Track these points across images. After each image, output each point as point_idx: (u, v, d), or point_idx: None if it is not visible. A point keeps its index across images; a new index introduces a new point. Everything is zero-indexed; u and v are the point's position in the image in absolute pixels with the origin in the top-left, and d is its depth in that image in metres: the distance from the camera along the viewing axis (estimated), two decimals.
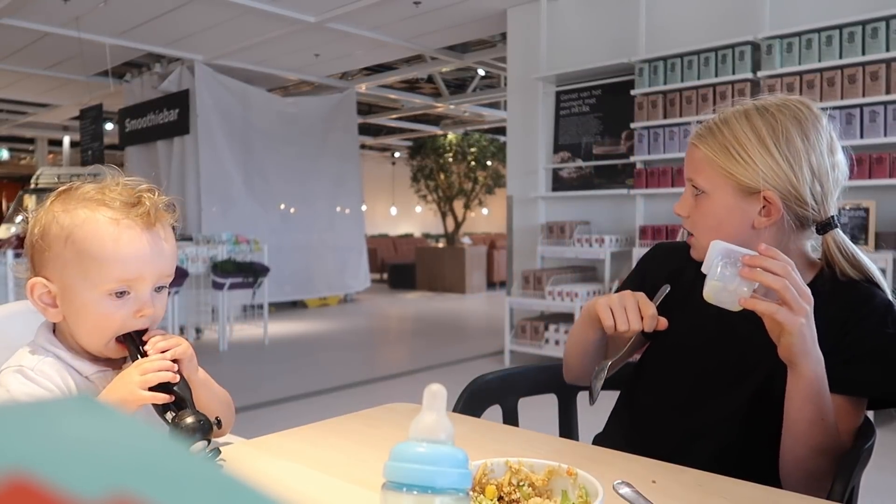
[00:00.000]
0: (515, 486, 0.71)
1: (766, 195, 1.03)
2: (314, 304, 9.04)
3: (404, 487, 0.55)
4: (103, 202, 0.94)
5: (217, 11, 6.06)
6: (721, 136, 1.06)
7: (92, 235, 0.92)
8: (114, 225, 0.93)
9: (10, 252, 4.80)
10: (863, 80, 3.87)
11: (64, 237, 0.93)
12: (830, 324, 1.00)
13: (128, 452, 0.18)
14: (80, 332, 0.96)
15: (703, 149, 1.07)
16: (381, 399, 1.15)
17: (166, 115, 7.93)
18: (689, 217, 1.11)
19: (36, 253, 0.97)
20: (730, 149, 1.05)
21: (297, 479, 0.89)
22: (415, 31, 6.55)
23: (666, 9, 4.82)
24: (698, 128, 1.11)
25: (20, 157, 17.36)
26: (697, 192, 1.09)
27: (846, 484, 0.94)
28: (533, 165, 5.48)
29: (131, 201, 0.95)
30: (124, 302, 0.94)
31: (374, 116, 11.83)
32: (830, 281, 1.07)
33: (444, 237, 15.50)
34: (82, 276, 0.93)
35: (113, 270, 0.92)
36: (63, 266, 0.94)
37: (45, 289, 0.96)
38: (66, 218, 0.94)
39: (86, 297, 0.93)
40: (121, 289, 0.94)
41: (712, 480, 0.87)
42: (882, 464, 3.06)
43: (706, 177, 1.07)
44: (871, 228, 3.72)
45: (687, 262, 1.19)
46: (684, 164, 1.13)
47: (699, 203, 1.09)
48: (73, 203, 0.95)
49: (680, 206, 1.13)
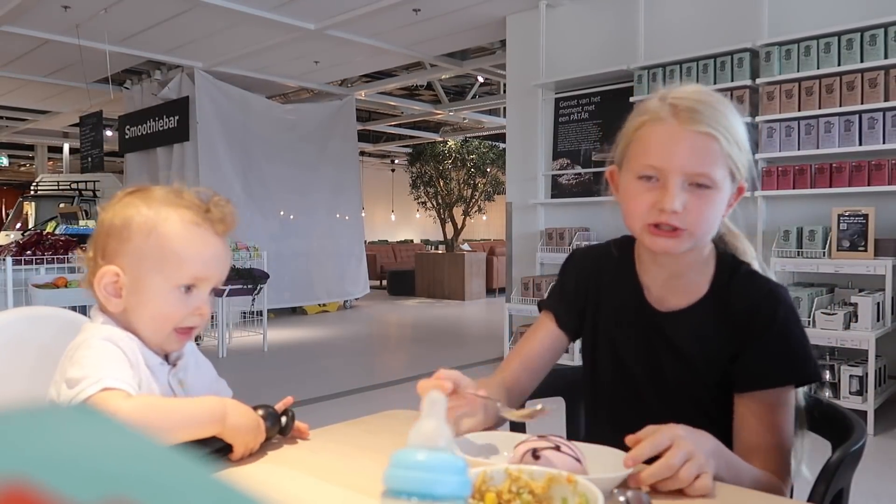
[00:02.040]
0: (515, 493, 0.71)
1: (740, 185, 1.06)
2: (313, 310, 9.03)
3: (404, 495, 0.55)
4: (183, 205, 1.02)
5: (217, 19, 6.08)
6: (724, 126, 1.00)
7: (176, 232, 1.00)
8: (195, 226, 1.01)
9: (9, 259, 4.79)
10: (861, 87, 3.88)
11: (148, 230, 0.99)
12: (735, 318, 1.05)
13: (124, 459, 0.18)
14: (143, 321, 1.02)
15: (723, 142, 0.99)
16: (381, 406, 1.15)
17: (166, 122, 7.94)
18: (684, 211, 0.99)
19: (112, 242, 1.02)
20: (737, 141, 1.01)
21: (296, 487, 0.89)
22: (414, 39, 6.57)
23: (665, 16, 4.83)
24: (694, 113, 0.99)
25: (20, 164, 17.39)
26: (702, 185, 0.99)
27: (827, 485, 0.95)
28: (532, 172, 5.48)
29: (205, 207, 1.03)
30: (188, 298, 1.02)
31: (373, 123, 11.85)
32: (729, 267, 1.10)
33: (443, 244, 15.51)
34: (158, 269, 0.99)
35: (190, 267, 1.00)
36: (141, 257, 1.00)
37: (115, 278, 1.01)
38: (150, 212, 1.00)
39: (156, 288, 1.00)
40: (191, 283, 1.01)
41: (717, 487, 0.87)
42: (880, 470, 3.05)
43: (720, 170, 1.00)
44: (870, 235, 3.72)
45: (603, 267, 1.19)
46: (683, 154, 0.99)
47: (703, 196, 1.00)
48: (154, 201, 1.02)
49: (678, 200, 0.99)
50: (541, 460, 0.83)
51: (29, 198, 11.29)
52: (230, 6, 5.67)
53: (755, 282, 1.08)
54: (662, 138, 1.01)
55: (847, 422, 1.08)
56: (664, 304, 1.12)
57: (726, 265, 1.10)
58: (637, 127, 1.05)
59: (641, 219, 1.03)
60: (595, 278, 1.20)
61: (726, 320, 1.06)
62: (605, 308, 1.18)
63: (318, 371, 5.53)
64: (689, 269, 1.10)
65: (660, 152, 1.00)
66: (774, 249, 4.01)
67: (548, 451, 0.84)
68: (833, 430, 1.11)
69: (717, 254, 1.12)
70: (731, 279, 1.08)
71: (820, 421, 1.13)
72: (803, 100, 4.08)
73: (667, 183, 0.99)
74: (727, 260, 1.11)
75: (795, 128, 4.11)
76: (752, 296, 1.06)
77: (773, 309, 1.04)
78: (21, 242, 5.31)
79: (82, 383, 0.90)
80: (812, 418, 1.13)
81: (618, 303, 1.16)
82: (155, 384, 1.01)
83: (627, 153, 1.06)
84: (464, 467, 0.57)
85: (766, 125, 4.21)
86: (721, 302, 1.07)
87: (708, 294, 1.09)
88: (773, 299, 1.05)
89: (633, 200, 1.03)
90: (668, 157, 0.99)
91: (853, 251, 3.76)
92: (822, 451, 1.07)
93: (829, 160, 4.02)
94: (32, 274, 4.87)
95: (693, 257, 1.09)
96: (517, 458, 0.85)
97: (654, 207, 1.00)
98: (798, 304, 3.75)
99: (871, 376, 3.56)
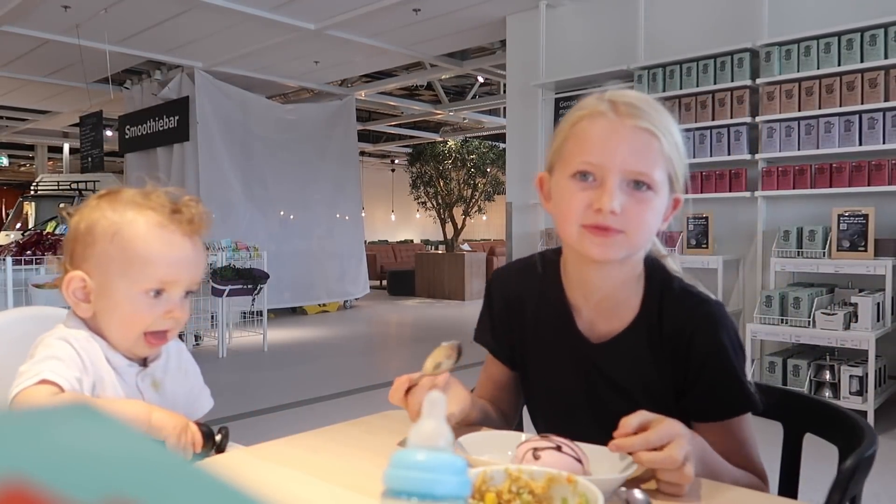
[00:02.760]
0: (515, 493, 0.71)
1: (676, 197, 1.00)
2: (313, 310, 9.03)
3: (404, 495, 0.55)
4: (149, 206, 1.00)
5: (217, 19, 6.08)
6: (665, 126, 0.95)
7: (140, 235, 0.98)
8: (160, 228, 0.99)
9: (9, 259, 4.79)
10: (861, 87, 3.88)
11: (111, 233, 0.98)
12: (672, 343, 1.00)
13: (124, 459, 0.18)
14: (111, 327, 1.01)
15: (664, 142, 0.94)
16: (381, 406, 1.14)
17: (166, 122, 7.94)
18: (622, 214, 0.92)
19: (79, 247, 1.01)
20: (676, 144, 0.97)
21: (296, 487, 0.89)
22: (414, 39, 6.57)
23: (665, 16, 4.83)
24: (634, 109, 0.94)
25: (20, 164, 17.39)
26: (641, 186, 0.94)
27: (843, 492, 0.93)
28: (532, 172, 5.48)
29: (174, 208, 1.01)
30: (158, 302, 1.00)
31: (373, 123, 11.85)
32: (659, 283, 1.03)
33: (443, 244, 15.51)
34: (123, 273, 0.98)
35: (155, 271, 0.98)
36: (107, 262, 0.98)
37: (82, 283, 1.00)
38: (114, 216, 0.99)
39: (123, 293, 0.98)
40: (158, 288, 0.99)
41: (714, 488, 0.87)
42: (880, 470, 3.05)
43: (660, 171, 0.94)
44: (870, 235, 3.72)
45: (528, 287, 1.11)
46: (623, 149, 0.93)
47: (643, 198, 0.94)
48: (120, 204, 1.00)
49: (616, 200, 0.92)
50: (541, 461, 0.82)
51: (29, 198, 11.29)
52: (230, 6, 5.67)
53: (688, 302, 1.01)
54: (601, 133, 0.94)
55: (855, 426, 1.05)
56: (595, 332, 1.05)
57: (656, 281, 1.03)
58: (574, 122, 0.98)
59: (576, 220, 0.94)
60: (520, 301, 1.12)
61: (662, 346, 1.01)
62: (533, 337, 1.10)
63: (318, 371, 5.53)
64: (621, 286, 1.02)
65: (598, 147, 0.93)
66: (774, 249, 4.01)
67: (548, 451, 0.84)
68: (839, 434, 1.08)
69: (646, 268, 1.04)
70: (663, 297, 1.02)
71: (825, 424, 1.11)
72: (803, 100, 4.08)
73: (604, 181, 0.92)
74: (656, 275, 1.03)
75: (795, 128, 4.11)
76: (688, 320, 1.00)
77: (713, 336, 0.99)
78: (21, 242, 5.31)
79: (24, 375, 0.92)
80: (816, 421, 1.13)
81: (549, 333, 1.09)
82: (120, 386, 1.01)
83: (562, 152, 0.98)
84: (464, 467, 0.57)
85: (766, 125, 4.21)
86: (653, 326, 1.01)
87: (640, 316, 1.02)
88: (710, 324, 0.99)
89: (568, 202, 0.95)
90: (607, 153, 0.93)
91: (853, 251, 3.76)
92: (827, 457, 1.06)
93: (829, 160, 4.02)
94: (32, 274, 4.87)
95: (625, 272, 1.01)
96: (518, 458, 0.85)
97: (591, 208, 0.93)
98: (798, 304, 3.75)
99: (871, 376, 3.56)
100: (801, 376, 3.74)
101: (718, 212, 4.44)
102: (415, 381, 0.99)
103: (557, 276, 1.09)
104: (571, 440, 0.86)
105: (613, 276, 1.01)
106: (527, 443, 0.87)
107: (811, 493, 1.08)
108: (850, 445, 1.02)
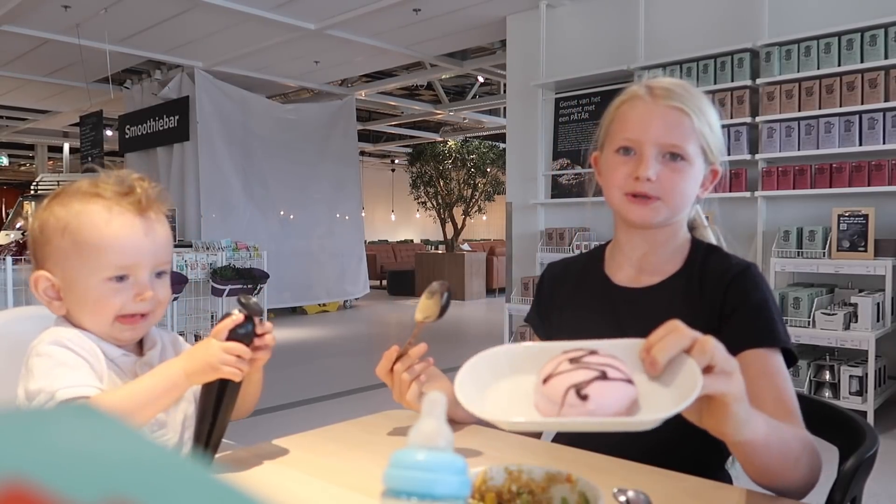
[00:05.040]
0: (515, 492, 0.71)
1: (714, 168, 1.11)
2: (313, 310, 9.03)
3: (404, 495, 0.55)
4: (97, 193, 0.99)
5: (217, 18, 6.08)
6: (697, 106, 1.07)
7: (86, 224, 0.97)
8: (106, 212, 0.97)
9: (9, 258, 4.79)
10: (861, 88, 3.88)
11: (61, 228, 0.97)
12: (710, 294, 1.07)
13: (123, 458, 0.18)
14: (84, 319, 1.00)
15: (694, 119, 1.06)
16: (381, 406, 1.15)
17: (166, 122, 7.95)
18: (658, 181, 1.05)
19: (37, 248, 1.01)
20: (709, 122, 1.08)
21: (295, 486, 0.89)
22: (414, 39, 6.57)
23: (665, 16, 4.83)
24: (668, 91, 1.07)
25: (20, 164, 17.39)
26: (675, 158, 1.06)
27: (844, 493, 0.93)
28: (532, 172, 5.49)
29: (123, 190, 0.99)
30: (124, 286, 0.99)
31: (373, 123, 11.86)
32: (704, 250, 1.13)
33: (443, 244, 15.51)
34: (81, 265, 0.97)
35: (109, 256, 0.97)
36: (63, 257, 0.98)
37: (48, 282, 1.00)
38: (62, 211, 0.98)
39: (86, 284, 0.98)
40: (119, 274, 0.98)
41: (714, 489, 0.87)
42: (880, 470, 3.05)
43: (692, 145, 1.07)
44: (870, 235, 3.72)
45: (572, 269, 1.25)
46: (657, 126, 1.06)
47: (678, 168, 1.06)
48: (68, 198, 0.99)
49: (652, 169, 1.05)
50: (591, 401, 0.69)
51: (29, 197, 11.27)
52: (230, 6, 5.67)
53: (728, 261, 1.10)
54: (639, 113, 1.08)
55: (855, 426, 1.05)
56: (633, 282, 1.14)
57: (701, 247, 1.14)
58: (617, 106, 1.13)
59: (619, 189, 1.08)
60: (562, 281, 1.25)
61: (700, 296, 1.08)
62: (573, 301, 1.21)
63: (318, 371, 5.53)
64: (662, 247, 1.13)
65: (635, 125, 1.08)
66: (774, 250, 4.01)
67: (595, 383, 0.69)
68: (840, 434, 1.07)
69: (692, 240, 1.15)
70: (705, 259, 1.11)
71: (825, 424, 1.11)
72: (803, 100, 4.08)
73: (642, 153, 1.06)
74: (701, 245, 1.15)
75: (795, 128, 4.11)
76: (726, 272, 1.08)
77: (750, 284, 1.05)
78: (21, 242, 5.31)
79: (38, 398, 0.90)
80: (816, 421, 1.12)
81: (585, 297, 1.19)
82: (117, 376, 1.01)
83: (608, 132, 1.13)
84: (464, 467, 0.57)
85: (766, 125, 4.21)
86: (693, 277, 1.10)
87: (679, 272, 1.12)
88: (748, 277, 1.07)
89: (612, 172, 1.10)
90: (643, 129, 1.07)
91: (853, 251, 3.76)
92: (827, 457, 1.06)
93: (829, 160, 4.02)
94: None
95: (666, 235, 1.12)
96: (557, 399, 0.72)
97: (630, 177, 1.07)
98: (798, 305, 3.75)
99: (870, 377, 3.56)
100: (801, 376, 3.74)
101: (718, 212, 4.43)
102: (401, 352, 1.09)
103: (600, 256, 1.22)
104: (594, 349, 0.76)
105: (657, 238, 1.13)
106: (559, 375, 0.73)
107: (812, 494, 1.09)
108: (850, 446, 1.02)
